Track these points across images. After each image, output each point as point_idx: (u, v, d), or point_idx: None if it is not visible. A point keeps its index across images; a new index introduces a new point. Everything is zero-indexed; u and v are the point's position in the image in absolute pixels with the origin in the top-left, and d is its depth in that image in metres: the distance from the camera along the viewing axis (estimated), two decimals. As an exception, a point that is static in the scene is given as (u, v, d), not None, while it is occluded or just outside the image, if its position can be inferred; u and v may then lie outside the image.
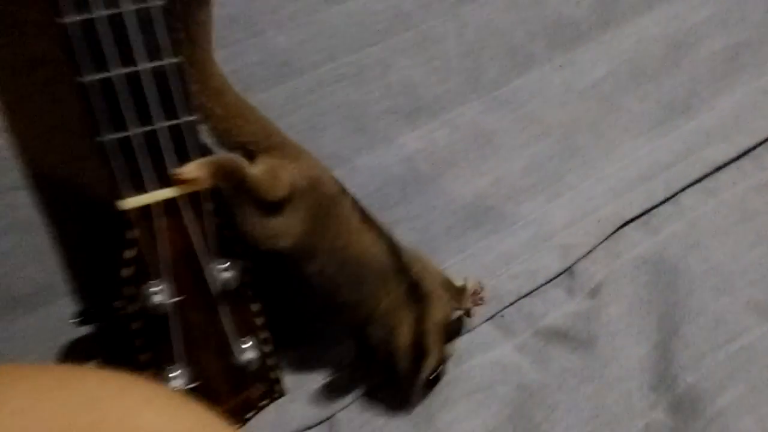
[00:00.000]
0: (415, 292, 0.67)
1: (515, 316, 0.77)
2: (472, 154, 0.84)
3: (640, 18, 0.91)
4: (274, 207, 0.62)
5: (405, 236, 0.80)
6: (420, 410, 0.68)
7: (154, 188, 0.58)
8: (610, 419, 0.67)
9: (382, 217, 0.79)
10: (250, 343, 0.66)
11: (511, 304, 0.77)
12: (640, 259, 0.79)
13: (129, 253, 0.59)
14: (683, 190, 0.85)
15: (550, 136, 0.87)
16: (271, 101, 0.72)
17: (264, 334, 0.67)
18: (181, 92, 0.57)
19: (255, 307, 0.66)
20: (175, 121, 0.58)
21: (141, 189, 0.58)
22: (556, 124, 0.87)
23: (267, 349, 0.68)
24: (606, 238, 0.81)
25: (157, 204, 0.59)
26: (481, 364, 0.72)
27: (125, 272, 0.60)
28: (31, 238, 0.65)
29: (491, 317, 0.76)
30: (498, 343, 0.74)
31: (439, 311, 0.68)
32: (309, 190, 0.64)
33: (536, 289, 0.78)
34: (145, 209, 0.58)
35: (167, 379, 0.63)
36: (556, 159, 0.87)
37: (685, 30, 0.93)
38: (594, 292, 0.77)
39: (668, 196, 0.84)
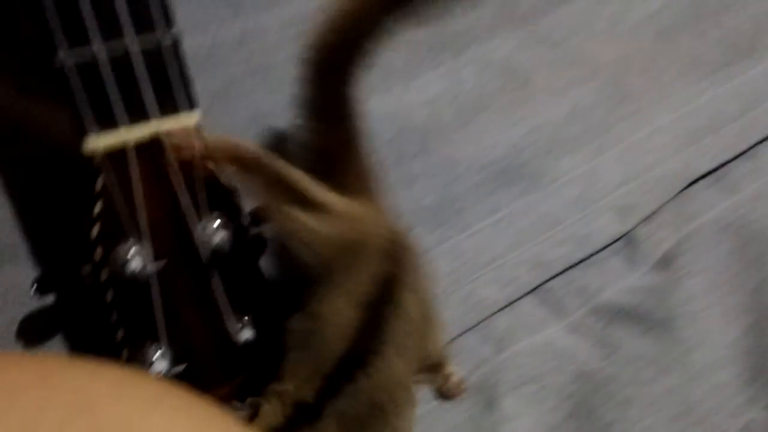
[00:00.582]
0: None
1: (565, 290, 0.60)
2: (505, 98, 0.68)
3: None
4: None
5: (424, 195, 0.65)
6: (462, 411, 0.52)
7: (128, 123, 0.44)
8: (701, 418, 0.51)
9: (399, 173, 0.65)
10: (245, 321, 0.51)
11: (559, 274, 0.61)
12: (718, 224, 0.62)
13: (97, 207, 0.45)
14: (760, 142, 0.69)
15: (595, 78, 0.71)
16: (266, 30, 0.59)
17: (260, 311, 0.52)
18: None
19: (254, 274, 0.52)
20: (150, 34, 0.44)
21: (111, 125, 0.44)
22: (602, 64, 0.71)
23: (262, 328, 0.53)
24: (672, 199, 0.65)
25: (132, 144, 0.45)
26: (528, 349, 0.56)
27: (93, 231, 0.46)
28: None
29: (534, 289, 0.60)
30: (546, 323, 0.58)
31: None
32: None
33: (589, 258, 0.62)
34: (117, 151, 0.45)
35: (147, 361, 0.49)
36: (602, 106, 0.71)
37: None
38: (664, 263, 0.61)
39: (744, 149, 0.69)
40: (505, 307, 0.59)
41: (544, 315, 0.59)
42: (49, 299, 0.52)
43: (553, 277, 0.61)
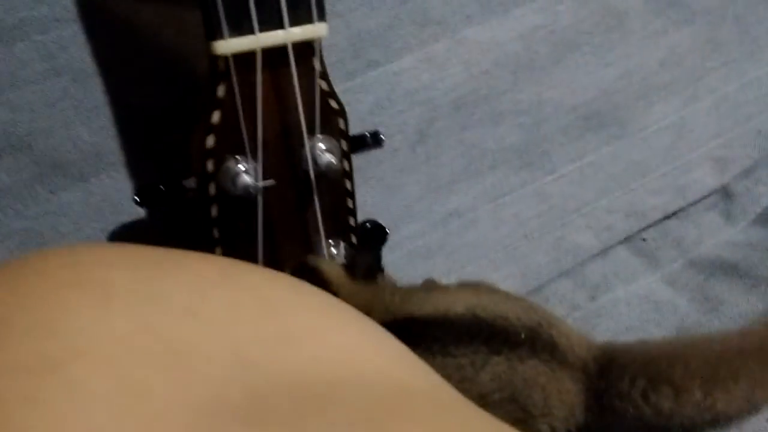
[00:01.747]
0: None
1: (660, 242, 0.55)
2: (598, 38, 0.62)
3: None
4: None
5: (510, 134, 0.59)
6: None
7: (259, 29, 0.39)
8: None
9: (487, 109, 0.59)
10: (340, 248, 0.47)
11: (654, 224, 0.56)
12: None
13: (216, 116, 0.41)
14: None
15: (691, 24, 0.64)
16: None
17: (354, 239, 0.48)
18: None
19: (350, 203, 0.47)
20: None
21: (243, 29, 0.39)
22: (698, 10, 0.65)
23: (350, 257, 0.48)
24: (770, 154, 0.60)
25: (260, 51, 0.40)
26: (624, 298, 0.51)
27: (208, 141, 0.41)
28: (83, 89, 0.45)
29: (628, 239, 0.55)
30: (642, 273, 0.53)
31: None
32: None
33: (685, 209, 0.57)
34: (246, 57, 0.40)
35: None
36: (696, 53, 0.64)
37: None
38: (764, 219, 0.55)
39: None
40: (599, 254, 0.54)
41: (640, 265, 0.53)
42: (143, 212, 0.48)
43: (648, 227, 0.56)
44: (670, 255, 0.54)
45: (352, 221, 0.48)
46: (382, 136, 0.49)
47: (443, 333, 0.40)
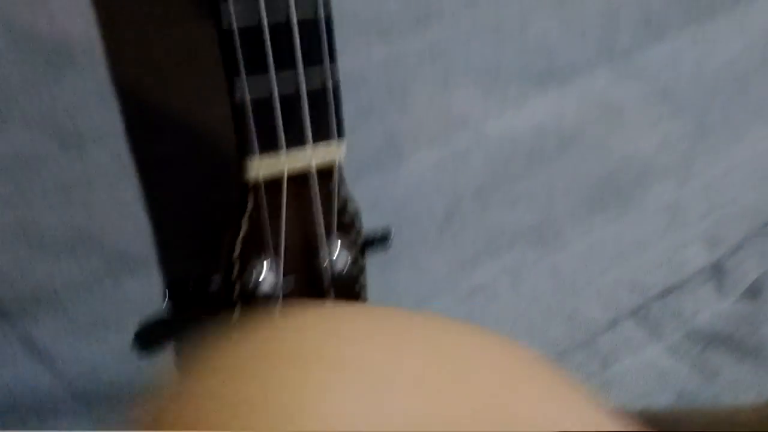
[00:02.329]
0: None
1: (661, 313, 0.60)
2: (600, 129, 0.68)
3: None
4: None
5: (525, 215, 0.65)
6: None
7: (286, 149, 0.42)
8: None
9: (504, 193, 0.65)
10: None
11: (656, 297, 0.62)
12: None
13: (244, 226, 0.44)
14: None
15: (681, 114, 0.71)
16: (409, 50, 0.58)
17: None
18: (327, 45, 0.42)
19: (361, 290, 0.49)
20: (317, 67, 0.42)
21: (273, 150, 0.42)
22: (687, 102, 0.71)
23: None
24: (755, 231, 0.66)
25: (287, 173, 0.43)
26: (632, 367, 0.56)
27: (237, 248, 0.44)
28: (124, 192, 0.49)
29: (633, 311, 0.61)
30: (646, 344, 0.58)
31: None
32: None
33: (682, 284, 0.63)
34: (273, 178, 0.43)
35: None
36: (687, 140, 0.71)
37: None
38: (752, 293, 0.61)
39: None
40: (608, 326, 0.59)
41: (644, 336, 0.59)
42: (162, 313, 0.50)
43: (651, 300, 0.61)
44: (671, 326, 0.59)
45: None
46: (390, 232, 0.51)
47: None
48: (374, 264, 0.52)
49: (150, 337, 0.50)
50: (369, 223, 0.59)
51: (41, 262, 0.49)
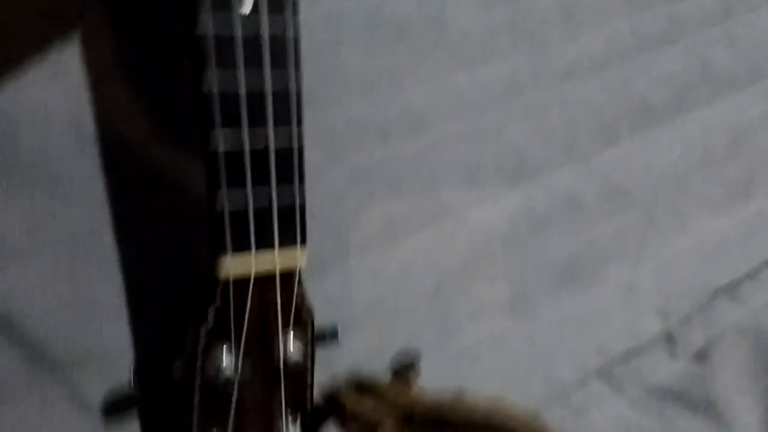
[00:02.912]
0: None
1: (623, 372, 0.68)
2: (565, 217, 0.78)
3: (707, 107, 0.89)
4: None
5: (503, 288, 0.74)
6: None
7: (259, 253, 0.48)
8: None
9: (484, 271, 0.74)
10: (296, 420, 0.53)
11: (619, 358, 0.70)
12: (737, 328, 0.72)
13: (211, 317, 0.48)
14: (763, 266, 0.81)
15: (632, 207, 0.82)
16: (403, 152, 0.68)
17: (308, 413, 0.54)
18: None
19: (309, 381, 0.53)
20: (288, 187, 0.48)
21: (245, 251, 0.47)
22: (637, 196, 0.82)
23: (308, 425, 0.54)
24: (700, 306, 0.76)
25: (254, 272, 0.48)
26: (601, 418, 0.64)
27: (202, 338, 0.48)
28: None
29: (598, 370, 0.69)
30: (610, 399, 0.66)
31: None
32: None
33: (639, 348, 0.71)
34: (242, 277, 0.48)
35: None
36: (638, 228, 0.81)
37: (744, 121, 0.91)
38: (700, 357, 0.70)
39: (750, 269, 0.80)
40: (578, 384, 0.67)
41: (607, 392, 0.67)
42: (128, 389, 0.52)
43: (614, 361, 0.70)
44: (632, 383, 0.67)
45: (309, 398, 0.53)
46: (338, 328, 0.55)
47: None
48: (373, 329, 0.59)
49: (117, 410, 0.52)
50: (371, 292, 0.67)
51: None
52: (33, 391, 0.52)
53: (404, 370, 0.54)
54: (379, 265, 0.68)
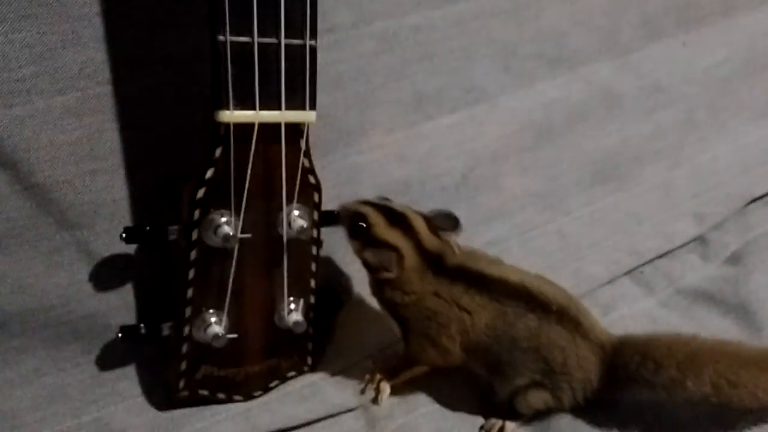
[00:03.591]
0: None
1: (654, 274, 0.65)
2: (602, 112, 0.73)
3: (754, 12, 0.84)
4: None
5: (534, 182, 0.71)
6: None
7: (259, 108, 0.45)
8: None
9: (516, 161, 0.70)
10: (299, 305, 0.52)
11: (649, 261, 0.67)
12: None
13: (210, 173, 0.46)
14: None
15: (673, 107, 0.77)
16: (436, 23, 0.63)
17: (313, 299, 0.53)
18: (310, 14, 0.45)
19: (313, 266, 0.52)
20: (297, 42, 0.45)
21: (246, 105, 0.45)
22: (678, 96, 0.78)
23: (311, 316, 0.53)
24: (735, 212, 0.72)
25: (259, 126, 0.46)
26: (628, 314, 0.61)
27: (199, 193, 0.46)
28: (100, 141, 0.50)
29: (630, 271, 0.66)
30: (640, 298, 0.63)
31: None
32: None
33: (672, 251, 0.68)
34: (244, 128, 0.45)
35: (206, 323, 0.49)
36: (678, 130, 0.77)
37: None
38: (733, 260, 0.66)
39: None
40: (607, 282, 0.65)
41: (637, 292, 0.64)
42: (128, 248, 0.51)
43: (645, 263, 0.67)
44: (662, 284, 0.64)
45: (312, 283, 0.52)
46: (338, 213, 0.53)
47: (499, 287, 0.51)
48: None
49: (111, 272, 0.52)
50: (397, 172, 0.64)
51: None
52: (41, 241, 0.49)
53: (440, 219, 0.53)
54: (406, 144, 0.64)
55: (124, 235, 0.47)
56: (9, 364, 0.51)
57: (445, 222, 0.53)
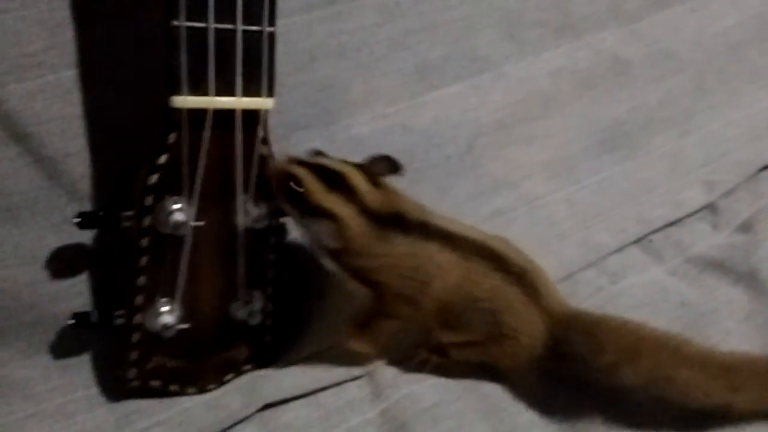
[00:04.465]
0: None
1: (663, 243, 0.64)
2: (610, 79, 0.72)
3: (766, -25, 0.83)
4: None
5: (541, 150, 0.70)
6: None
7: (214, 94, 0.45)
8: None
9: (522, 130, 0.69)
10: (256, 295, 0.51)
11: (659, 229, 0.66)
12: None
13: (163, 159, 0.45)
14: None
15: (682, 74, 0.75)
16: None
17: (270, 290, 0.52)
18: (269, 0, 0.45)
19: (271, 256, 0.51)
20: (255, 28, 0.45)
21: (200, 91, 0.44)
22: (688, 63, 0.76)
23: (269, 307, 0.52)
24: (746, 180, 0.71)
25: (213, 112, 0.45)
26: (637, 283, 0.60)
27: (152, 179, 0.45)
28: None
29: (638, 240, 0.66)
30: (649, 267, 0.62)
31: None
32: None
33: (681, 219, 0.68)
34: (198, 114, 0.45)
35: (157, 312, 0.47)
36: (687, 97, 0.75)
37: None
38: (744, 228, 0.65)
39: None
40: (616, 251, 0.64)
41: (646, 260, 0.63)
42: (81, 235, 0.50)
43: (654, 231, 0.66)
44: (671, 253, 0.63)
45: (271, 274, 0.51)
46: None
47: (466, 246, 0.50)
48: (402, 181, 0.56)
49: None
50: (401, 142, 0.63)
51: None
52: (53, 212, 0.50)
53: (378, 165, 0.50)
54: (410, 114, 0.63)
55: (78, 220, 0.46)
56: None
57: (384, 167, 0.50)
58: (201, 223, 0.47)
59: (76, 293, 0.52)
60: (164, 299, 0.48)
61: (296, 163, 0.48)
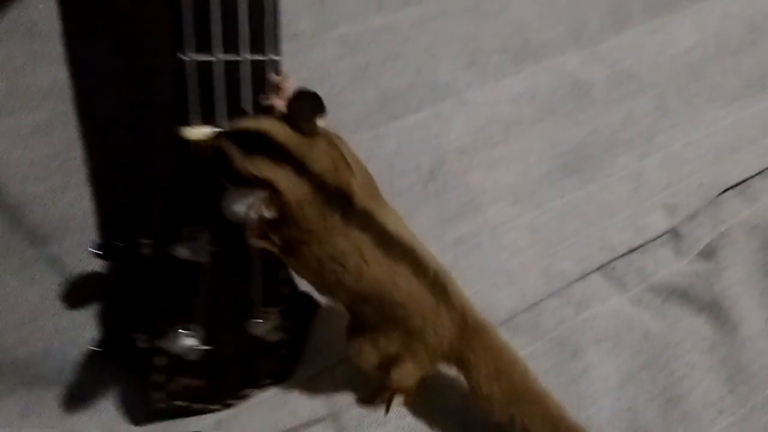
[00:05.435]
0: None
1: (626, 270, 0.64)
2: (571, 103, 0.73)
3: (724, -5, 0.84)
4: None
5: (504, 176, 0.69)
6: (550, 358, 0.57)
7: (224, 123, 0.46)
8: (748, 378, 0.57)
9: (485, 156, 0.69)
10: (273, 313, 0.52)
11: (622, 256, 0.66)
12: (747, 225, 0.68)
13: (175, 188, 0.47)
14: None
15: (643, 95, 0.76)
16: (399, 24, 0.64)
17: (286, 306, 0.53)
18: (273, 29, 0.47)
19: (284, 273, 0.52)
20: (259, 57, 0.47)
21: (210, 121, 0.46)
22: (648, 84, 0.77)
23: (286, 323, 0.53)
24: (708, 203, 0.71)
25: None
26: (601, 313, 0.60)
27: (166, 207, 0.47)
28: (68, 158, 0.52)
29: (601, 267, 0.66)
30: (611, 295, 0.62)
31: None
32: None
33: (644, 245, 0.67)
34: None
35: (178, 336, 0.49)
36: (649, 117, 0.75)
37: (763, 12, 0.86)
38: (706, 255, 0.66)
39: (763, 167, 0.75)
40: (579, 279, 0.64)
41: (608, 288, 0.63)
42: (97, 267, 0.52)
43: (617, 258, 0.66)
44: (634, 281, 0.63)
45: (286, 291, 0.52)
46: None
47: (396, 247, 0.49)
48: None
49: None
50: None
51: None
52: (12, 257, 0.51)
53: (299, 108, 0.45)
54: (372, 143, 0.63)
55: (99, 252, 0.48)
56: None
57: (308, 110, 0.45)
58: (217, 248, 0.49)
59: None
60: (185, 322, 0.50)
61: (216, 136, 0.45)
